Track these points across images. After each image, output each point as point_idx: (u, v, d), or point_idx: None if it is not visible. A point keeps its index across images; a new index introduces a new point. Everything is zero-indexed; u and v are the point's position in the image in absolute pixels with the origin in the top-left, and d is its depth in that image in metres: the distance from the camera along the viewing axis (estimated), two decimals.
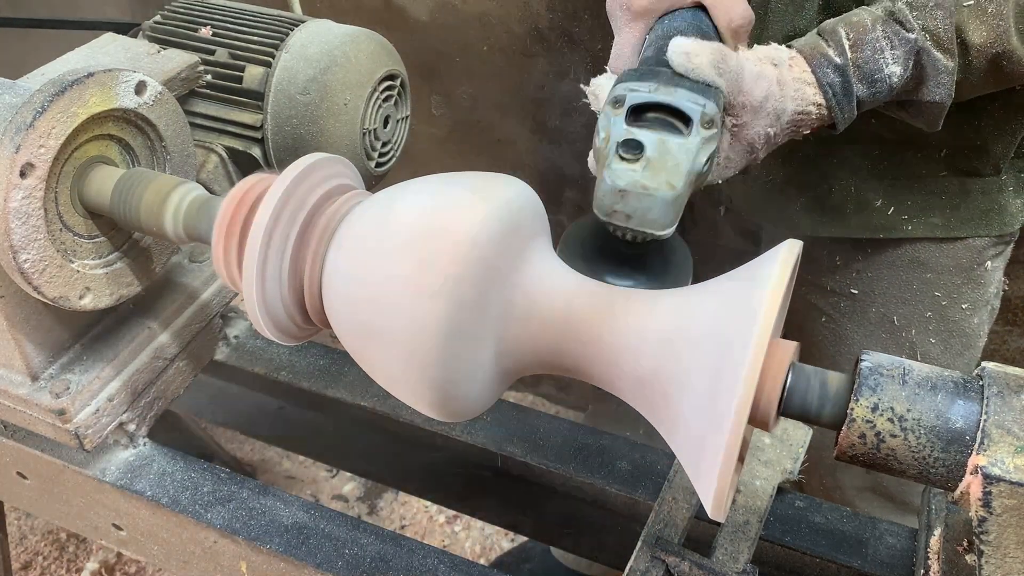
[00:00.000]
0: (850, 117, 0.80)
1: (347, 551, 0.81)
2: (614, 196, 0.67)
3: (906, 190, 1.05)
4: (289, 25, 0.95)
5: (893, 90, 0.80)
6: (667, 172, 0.67)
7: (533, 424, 0.97)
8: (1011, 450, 0.52)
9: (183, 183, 0.73)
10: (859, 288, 1.13)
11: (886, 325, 1.13)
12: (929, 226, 1.06)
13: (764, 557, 0.86)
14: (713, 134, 0.70)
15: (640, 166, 0.67)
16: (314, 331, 0.72)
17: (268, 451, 2.12)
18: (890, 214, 1.06)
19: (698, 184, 0.72)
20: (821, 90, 0.78)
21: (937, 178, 1.04)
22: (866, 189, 1.06)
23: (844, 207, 1.08)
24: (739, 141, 0.77)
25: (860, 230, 1.09)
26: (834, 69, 0.78)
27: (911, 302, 1.11)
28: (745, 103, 0.74)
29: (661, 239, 0.70)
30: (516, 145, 1.78)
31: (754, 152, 0.78)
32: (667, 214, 0.67)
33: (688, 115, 0.69)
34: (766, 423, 0.57)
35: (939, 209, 1.05)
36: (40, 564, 1.89)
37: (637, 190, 0.67)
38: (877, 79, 0.79)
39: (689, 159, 0.68)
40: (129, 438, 0.88)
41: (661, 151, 0.68)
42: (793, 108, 0.77)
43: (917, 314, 1.12)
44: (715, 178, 0.78)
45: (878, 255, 1.11)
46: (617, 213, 0.68)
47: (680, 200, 0.68)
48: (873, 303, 1.13)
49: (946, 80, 0.80)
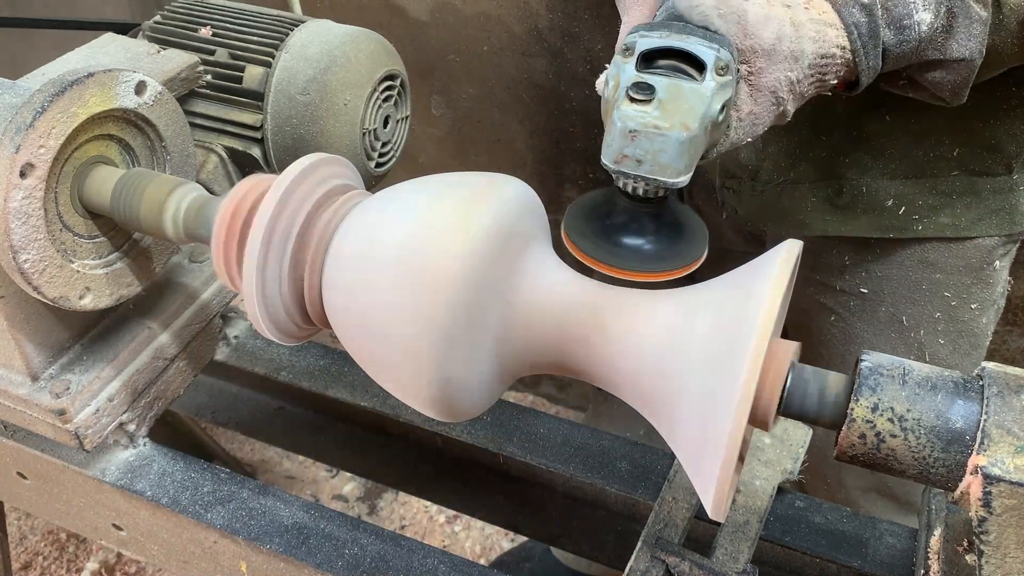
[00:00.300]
0: (874, 68, 0.75)
1: (347, 551, 0.81)
2: (624, 139, 0.64)
3: (917, 190, 1.04)
4: (289, 25, 0.95)
5: (922, 42, 0.75)
6: (681, 114, 0.64)
7: (533, 424, 0.97)
8: (1011, 450, 0.52)
9: (183, 183, 0.73)
10: (868, 287, 1.13)
11: (895, 325, 1.13)
12: (939, 226, 1.05)
13: (764, 557, 0.86)
14: (728, 81, 0.67)
15: (652, 107, 0.64)
16: (314, 331, 0.72)
17: (268, 451, 2.12)
18: (901, 214, 1.05)
19: (715, 137, 0.69)
20: (846, 31, 0.73)
21: (948, 177, 1.03)
22: (877, 188, 1.05)
23: (855, 207, 1.07)
24: (759, 91, 0.72)
25: (870, 230, 1.08)
26: (860, 8, 0.73)
27: (920, 302, 1.11)
28: (755, 47, 0.71)
29: (675, 189, 0.66)
30: (516, 145, 1.78)
31: (780, 104, 0.74)
32: (681, 157, 0.64)
33: (702, 60, 0.66)
34: (766, 423, 0.57)
35: (949, 209, 1.04)
36: (40, 564, 1.89)
37: (649, 130, 0.63)
38: (906, 25, 0.74)
39: (703, 103, 0.65)
40: (129, 438, 0.88)
41: (674, 94, 0.65)
42: (814, 50, 0.72)
43: (926, 314, 1.11)
44: (744, 136, 0.74)
45: (888, 255, 1.10)
46: (627, 159, 0.65)
47: (695, 144, 0.65)
48: (883, 303, 1.13)
49: (978, 32, 0.76)
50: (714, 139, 0.70)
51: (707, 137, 0.67)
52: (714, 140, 0.70)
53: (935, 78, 0.80)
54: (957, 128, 0.99)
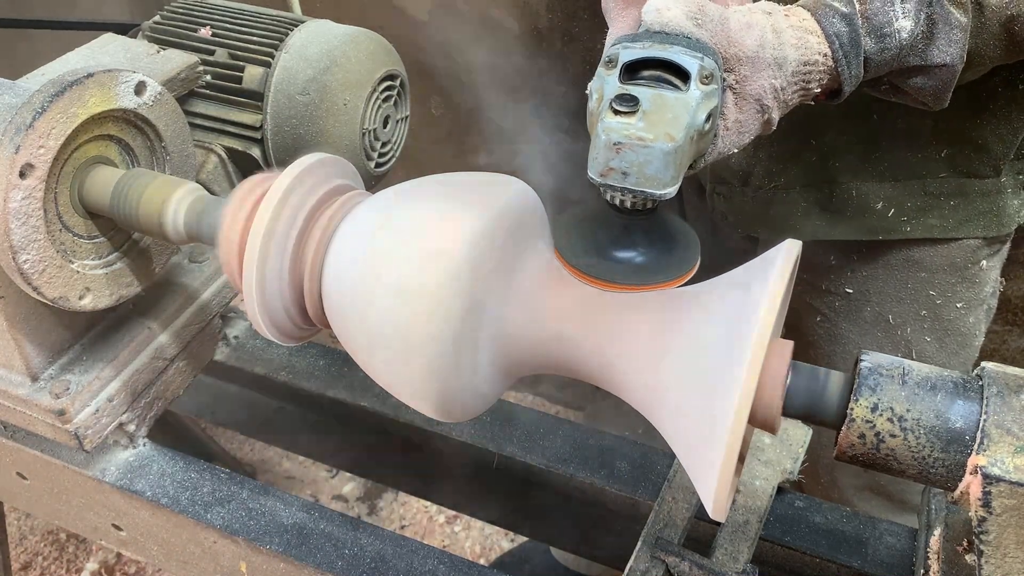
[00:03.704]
0: (856, 77, 0.75)
1: (347, 551, 0.81)
2: (608, 152, 0.64)
3: (906, 192, 1.05)
4: (288, 25, 0.95)
5: (902, 48, 0.75)
6: (665, 124, 0.64)
7: (533, 424, 0.97)
8: (1011, 450, 0.52)
9: (183, 184, 0.73)
10: (854, 287, 1.13)
11: (881, 324, 1.13)
12: (927, 227, 1.06)
13: (764, 557, 0.86)
14: (712, 90, 0.67)
15: (636, 119, 0.64)
16: (314, 331, 0.72)
17: (268, 451, 2.12)
18: (890, 216, 1.06)
19: (701, 147, 0.69)
20: (827, 40, 0.73)
21: (937, 179, 1.04)
22: (867, 191, 1.06)
23: (845, 210, 1.08)
24: (745, 99, 0.72)
25: (860, 232, 1.08)
26: (840, 18, 0.73)
27: (906, 301, 1.11)
28: (739, 55, 0.71)
29: (662, 201, 0.66)
30: (516, 145, 1.78)
31: (765, 112, 0.73)
32: (667, 168, 0.63)
33: (685, 70, 0.66)
34: (770, 424, 0.57)
35: (938, 210, 1.05)
36: (40, 564, 1.89)
37: (633, 142, 0.63)
38: (886, 33, 0.74)
39: (688, 113, 0.65)
40: (129, 438, 0.88)
41: (658, 104, 0.64)
42: (797, 57, 0.72)
43: (912, 312, 1.12)
44: (731, 146, 0.74)
45: (873, 255, 1.11)
46: (613, 172, 0.64)
47: (680, 154, 0.64)
48: (868, 302, 1.13)
49: (959, 38, 0.76)
50: (700, 149, 0.70)
51: (693, 147, 0.67)
52: (700, 150, 0.70)
53: (917, 84, 0.80)
54: (945, 129, 0.99)
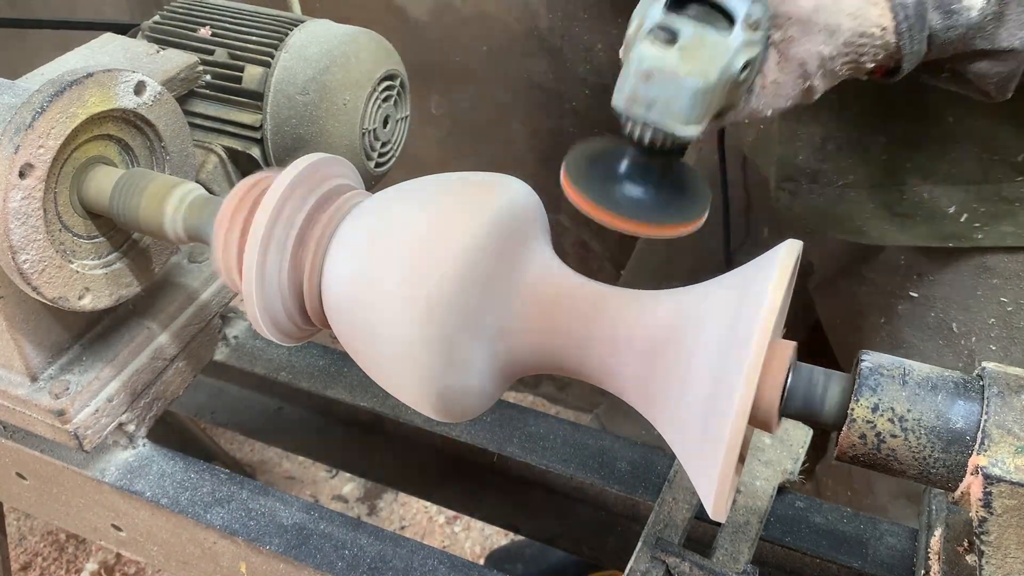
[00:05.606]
0: (919, 54, 0.71)
1: (347, 552, 0.81)
2: (637, 80, 0.62)
3: (980, 196, 1.00)
4: (288, 25, 0.95)
5: (970, 28, 0.71)
6: (701, 61, 0.62)
7: (533, 424, 0.97)
8: (1011, 450, 0.52)
9: (182, 183, 0.73)
10: (919, 292, 1.09)
11: (944, 332, 1.08)
12: (1000, 235, 1.01)
13: (764, 557, 0.86)
14: (757, 38, 0.65)
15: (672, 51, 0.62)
16: (314, 331, 0.72)
17: (268, 451, 2.12)
18: (962, 221, 1.01)
19: (732, 98, 0.67)
20: (892, 11, 0.69)
21: (1012, 183, 0.99)
22: (939, 195, 1.01)
23: (915, 214, 1.03)
24: (788, 61, 0.69)
25: (929, 238, 1.04)
26: None
27: (973, 308, 1.06)
28: (791, 13, 0.67)
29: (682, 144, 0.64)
30: (516, 145, 1.78)
31: (807, 78, 0.70)
32: (693, 107, 0.62)
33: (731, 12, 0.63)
34: (768, 424, 0.57)
35: (1012, 217, 1.00)
36: (40, 565, 1.89)
37: (665, 73, 0.61)
38: (955, 10, 0.70)
39: (726, 55, 0.62)
40: (128, 439, 0.88)
41: (697, 41, 0.62)
42: (852, 27, 0.68)
43: (979, 321, 1.07)
44: (765, 107, 0.71)
45: (944, 260, 1.06)
46: (638, 101, 0.62)
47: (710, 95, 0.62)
48: (932, 308, 1.08)
49: None
50: (732, 100, 0.67)
51: (724, 94, 0.65)
52: (731, 101, 0.67)
53: (981, 70, 0.76)
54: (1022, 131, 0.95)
